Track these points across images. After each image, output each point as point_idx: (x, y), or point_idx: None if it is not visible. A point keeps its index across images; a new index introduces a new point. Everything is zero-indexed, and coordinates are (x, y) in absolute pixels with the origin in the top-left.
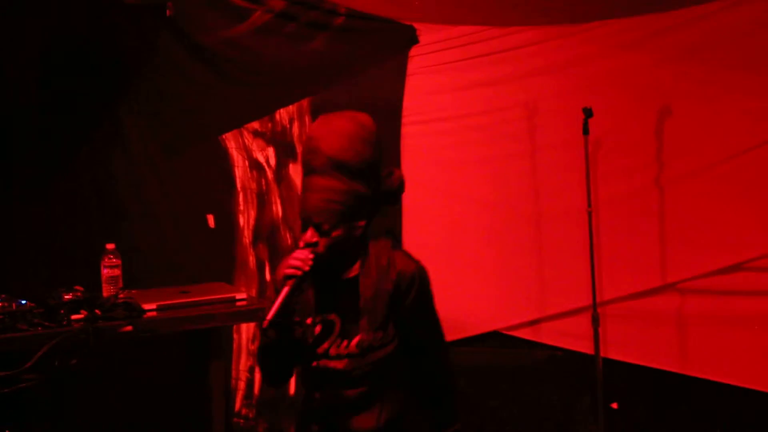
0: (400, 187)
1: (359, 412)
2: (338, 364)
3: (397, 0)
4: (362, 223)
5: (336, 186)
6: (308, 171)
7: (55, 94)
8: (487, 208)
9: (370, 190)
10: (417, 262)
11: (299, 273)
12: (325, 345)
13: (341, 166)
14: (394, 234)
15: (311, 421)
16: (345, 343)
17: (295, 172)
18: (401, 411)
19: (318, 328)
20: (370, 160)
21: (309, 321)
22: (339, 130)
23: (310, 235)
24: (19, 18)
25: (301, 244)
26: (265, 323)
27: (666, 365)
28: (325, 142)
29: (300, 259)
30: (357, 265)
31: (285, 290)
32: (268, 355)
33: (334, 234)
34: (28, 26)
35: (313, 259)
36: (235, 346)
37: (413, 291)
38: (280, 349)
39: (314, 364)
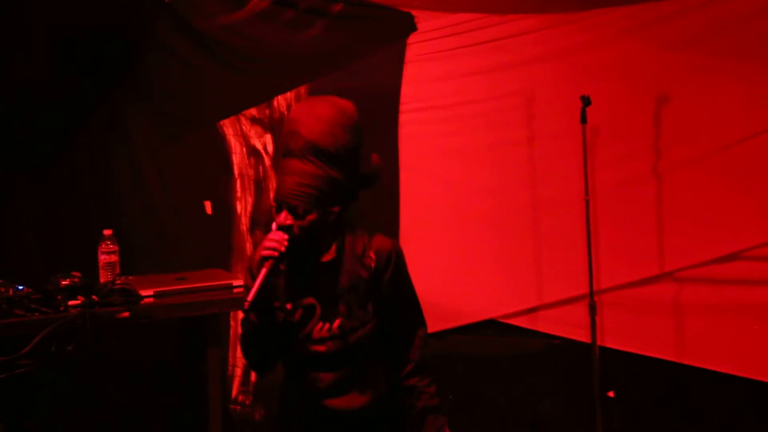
0: (377, 174)
1: (342, 393)
2: (321, 347)
3: None
4: (336, 209)
5: (312, 171)
6: (286, 153)
7: (53, 82)
8: (485, 196)
9: (346, 177)
10: (393, 240)
11: (275, 254)
12: (307, 329)
13: (319, 151)
14: (363, 218)
15: (295, 403)
16: (327, 326)
17: None
18: (383, 390)
19: (299, 313)
20: (348, 146)
21: (289, 306)
22: (319, 115)
23: (283, 217)
24: (17, 6)
25: (275, 226)
26: (246, 305)
27: (663, 354)
28: (305, 125)
29: (276, 240)
30: (333, 249)
31: (263, 271)
32: (251, 343)
33: (309, 218)
34: (27, 14)
35: (289, 240)
36: (231, 332)
37: (390, 267)
38: (263, 335)
39: (297, 348)
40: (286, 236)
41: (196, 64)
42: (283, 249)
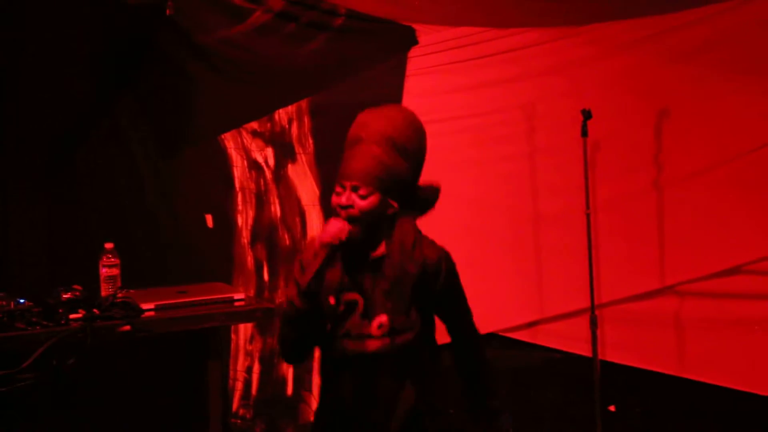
0: (433, 199)
1: (380, 394)
2: (359, 345)
3: (397, 0)
4: (395, 204)
5: (381, 156)
6: (355, 142)
7: (54, 93)
8: (485, 209)
9: (409, 176)
10: (442, 248)
11: (336, 242)
12: (347, 325)
13: (390, 139)
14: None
15: (333, 400)
16: (366, 323)
17: (294, 172)
18: (421, 397)
19: (341, 308)
20: (417, 145)
21: (332, 300)
22: (393, 112)
23: (346, 198)
24: (17, 18)
25: (336, 205)
26: (303, 285)
27: (664, 368)
28: (378, 120)
29: (337, 227)
30: (383, 246)
31: (321, 256)
32: (292, 327)
33: (370, 199)
34: (27, 24)
35: (349, 231)
36: (233, 346)
37: (441, 276)
38: (306, 322)
39: (335, 343)
40: (348, 226)
41: (197, 77)
42: (344, 237)
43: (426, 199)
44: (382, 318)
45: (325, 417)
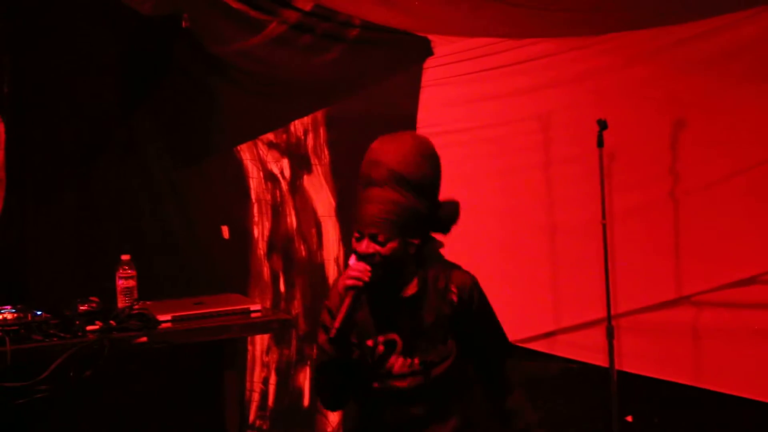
0: (455, 216)
1: (426, 428)
2: (402, 383)
3: (412, 12)
4: (417, 241)
5: (395, 198)
6: (367, 183)
7: (69, 105)
8: (501, 220)
9: (426, 208)
10: (470, 275)
11: (360, 284)
12: (388, 365)
13: (401, 179)
14: (439, 253)
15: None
16: (408, 361)
17: (310, 183)
18: (466, 422)
19: (380, 348)
20: (430, 177)
21: (370, 343)
22: (401, 146)
23: (365, 245)
24: (33, 26)
25: (352, 260)
26: (333, 332)
27: (681, 378)
28: (387, 155)
29: (359, 270)
30: (414, 283)
31: (347, 301)
32: (326, 375)
33: (390, 245)
34: (49, 37)
35: (371, 271)
36: (249, 357)
37: (473, 302)
38: (339, 368)
39: (376, 384)
40: (368, 267)
41: (213, 89)
42: (366, 279)
43: (447, 218)
44: (423, 355)
45: None
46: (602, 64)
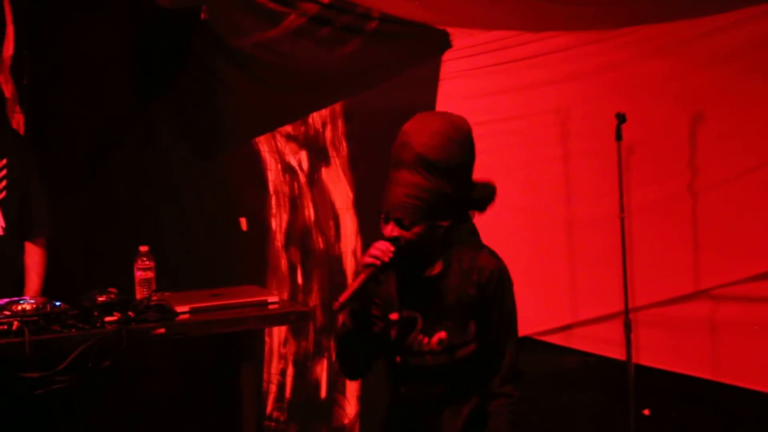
0: (491, 197)
1: (443, 408)
2: (420, 361)
3: (431, 4)
4: (446, 223)
5: (421, 183)
6: (396, 164)
7: (89, 97)
8: (519, 213)
9: (456, 191)
10: (497, 260)
11: (378, 263)
12: (408, 341)
13: (429, 163)
14: (477, 234)
15: (397, 415)
16: (426, 340)
17: (328, 176)
18: (479, 406)
19: (402, 324)
20: (459, 161)
21: (393, 317)
22: (431, 128)
23: (390, 229)
24: (52, 20)
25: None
26: (336, 305)
27: (698, 372)
28: (416, 137)
29: (381, 249)
30: (439, 264)
31: (361, 277)
32: (345, 345)
33: (415, 230)
34: (67, 30)
35: (394, 252)
36: (267, 348)
37: (489, 287)
38: (358, 340)
39: (397, 359)
40: (392, 247)
41: (231, 81)
42: (386, 259)
43: (482, 199)
44: (442, 334)
45: (394, 423)
46: (620, 57)
